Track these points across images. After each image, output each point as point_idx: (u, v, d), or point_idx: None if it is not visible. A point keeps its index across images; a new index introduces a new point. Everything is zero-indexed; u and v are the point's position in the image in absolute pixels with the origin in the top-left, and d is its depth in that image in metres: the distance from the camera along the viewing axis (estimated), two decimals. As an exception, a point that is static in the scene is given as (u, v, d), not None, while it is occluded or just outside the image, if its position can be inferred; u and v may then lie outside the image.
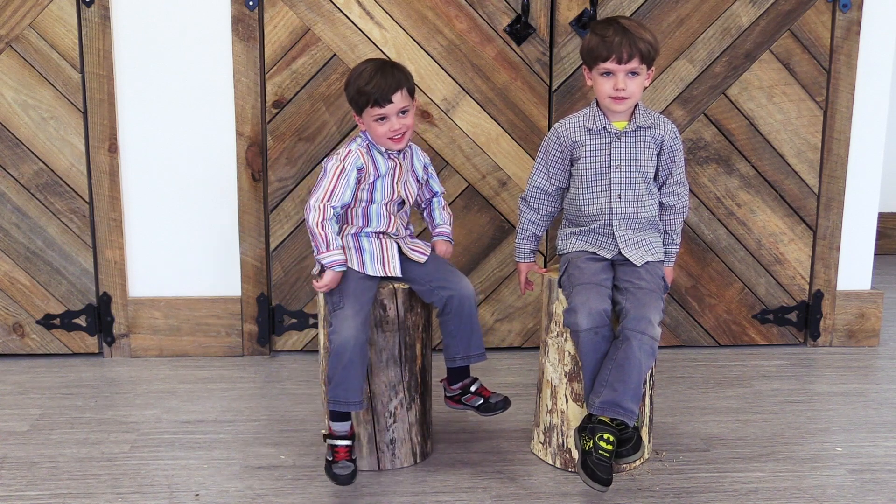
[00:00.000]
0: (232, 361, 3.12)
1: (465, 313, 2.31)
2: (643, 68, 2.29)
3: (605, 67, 2.28)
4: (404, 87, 2.28)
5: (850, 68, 3.12)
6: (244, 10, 2.94)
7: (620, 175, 2.33)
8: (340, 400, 2.21)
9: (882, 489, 2.30)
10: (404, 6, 2.97)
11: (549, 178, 2.42)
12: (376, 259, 2.32)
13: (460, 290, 2.30)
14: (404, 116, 2.29)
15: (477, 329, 2.35)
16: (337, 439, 2.25)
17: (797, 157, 3.18)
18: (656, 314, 2.21)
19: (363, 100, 2.27)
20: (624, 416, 2.16)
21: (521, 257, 2.51)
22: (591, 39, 2.31)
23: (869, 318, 3.32)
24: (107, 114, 2.98)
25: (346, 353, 2.18)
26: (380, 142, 2.32)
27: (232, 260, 3.12)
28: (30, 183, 3.01)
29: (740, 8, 3.05)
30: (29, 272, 3.07)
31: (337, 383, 2.20)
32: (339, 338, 2.20)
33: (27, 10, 2.90)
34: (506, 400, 2.38)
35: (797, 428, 2.65)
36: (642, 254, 2.35)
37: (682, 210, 2.43)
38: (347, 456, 2.23)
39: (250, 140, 3.02)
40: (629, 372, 2.15)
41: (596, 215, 2.36)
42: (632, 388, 2.16)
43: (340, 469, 2.20)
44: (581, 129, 2.36)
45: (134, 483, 2.29)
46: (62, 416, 2.68)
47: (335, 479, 2.20)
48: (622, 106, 2.30)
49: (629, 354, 2.16)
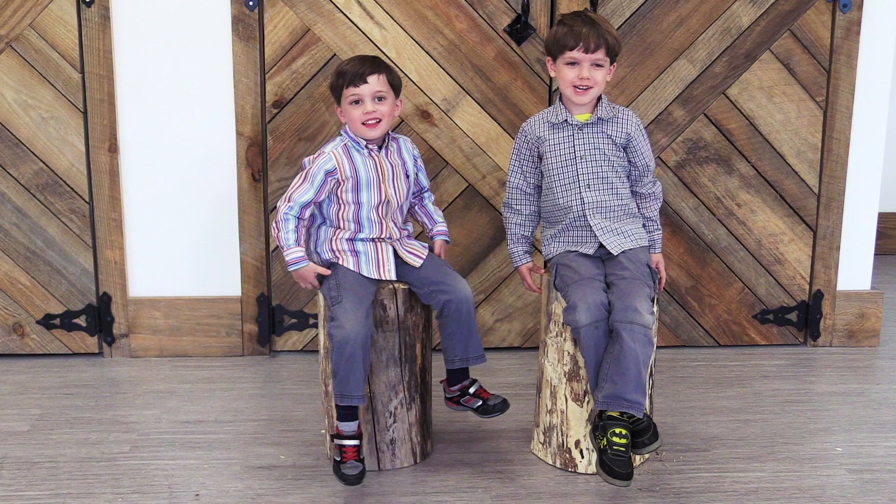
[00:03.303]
0: (232, 361, 3.12)
1: (464, 316, 2.31)
2: (607, 61, 2.34)
3: (570, 56, 2.32)
4: (384, 74, 2.32)
5: (850, 68, 3.12)
6: (244, 10, 2.94)
7: (586, 165, 2.37)
8: (345, 394, 2.21)
9: (882, 489, 2.30)
10: (404, 6, 2.97)
11: (524, 177, 2.47)
12: (371, 262, 2.33)
13: (458, 293, 2.29)
14: (380, 103, 2.31)
15: (475, 331, 2.34)
16: (345, 439, 2.24)
17: (797, 157, 3.18)
18: (643, 301, 2.21)
19: (340, 81, 2.31)
20: (629, 408, 2.17)
21: (517, 260, 2.53)
22: (558, 30, 2.35)
23: (869, 318, 3.32)
24: (107, 114, 2.98)
25: (348, 347, 2.18)
26: (355, 129, 2.33)
27: (232, 260, 3.12)
28: (30, 183, 3.01)
29: (740, 8, 3.05)
30: (29, 272, 3.07)
31: (341, 378, 2.20)
32: (340, 332, 2.19)
33: (27, 10, 2.90)
34: (504, 402, 2.37)
35: (797, 428, 2.65)
36: (620, 241, 2.36)
37: (658, 196, 2.48)
38: (356, 456, 2.23)
39: (250, 140, 3.02)
40: (626, 364, 2.16)
41: (568, 208, 2.39)
42: (632, 380, 2.16)
43: (349, 469, 2.19)
44: (544, 125, 2.41)
45: (134, 483, 2.29)
46: (62, 416, 2.68)
47: (344, 480, 2.19)
48: (585, 97, 2.34)
49: (623, 346, 2.17)
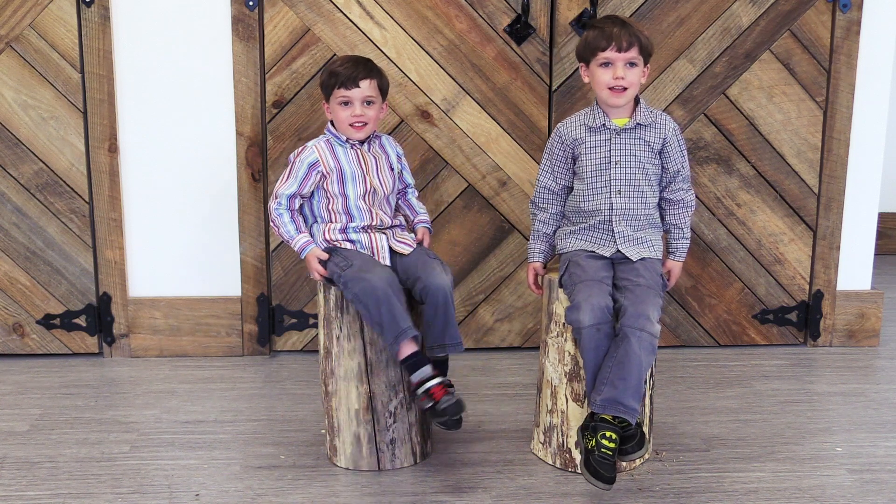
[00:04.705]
0: (232, 361, 3.12)
1: (440, 303, 2.28)
2: (641, 60, 2.32)
3: (604, 57, 2.30)
4: (375, 80, 2.37)
5: (850, 68, 3.12)
6: (244, 10, 2.94)
7: (620, 171, 2.34)
8: (399, 333, 2.21)
9: (882, 489, 2.30)
10: (404, 6, 2.97)
11: (554, 178, 2.44)
12: (366, 250, 2.36)
13: (433, 280, 2.28)
14: (368, 107, 2.36)
15: (452, 319, 2.31)
16: (428, 381, 2.24)
17: (797, 157, 3.18)
18: (654, 311, 2.21)
19: (332, 81, 2.36)
20: (625, 413, 2.16)
21: (531, 257, 2.52)
22: (588, 34, 2.35)
23: (869, 318, 3.32)
24: (107, 114, 2.98)
25: (378, 290, 2.20)
26: (342, 128, 2.38)
27: (232, 260, 3.12)
28: (30, 183, 3.01)
29: (740, 8, 3.05)
30: (29, 272, 3.07)
31: (386, 320, 2.20)
32: (361, 283, 2.21)
33: (27, 10, 2.90)
34: (458, 403, 2.23)
35: (797, 428, 2.65)
36: (640, 250, 2.35)
37: (691, 204, 2.45)
38: (446, 391, 2.23)
39: (250, 140, 3.02)
40: (629, 369, 2.15)
41: (595, 211, 2.37)
42: (632, 386, 2.16)
43: (447, 400, 2.20)
44: (582, 128, 2.38)
45: (134, 483, 2.29)
46: (62, 416, 2.68)
47: (445, 414, 2.20)
48: (621, 99, 2.31)
49: (629, 351, 2.16)
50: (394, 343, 2.23)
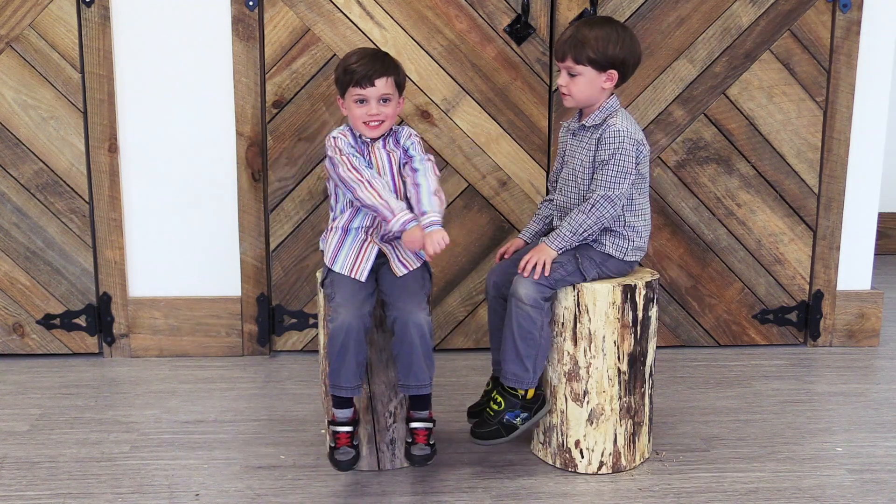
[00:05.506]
0: (232, 361, 3.12)
1: (407, 340, 2.19)
2: (583, 69, 2.30)
3: (558, 65, 2.40)
4: (392, 77, 2.29)
5: (850, 68, 3.12)
6: (244, 10, 2.94)
7: (567, 170, 2.43)
8: (335, 384, 2.21)
9: (882, 489, 2.30)
10: (404, 6, 2.97)
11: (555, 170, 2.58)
12: (349, 259, 2.28)
13: (405, 315, 2.19)
14: (385, 105, 2.28)
15: (418, 360, 2.20)
16: (338, 425, 2.25)
17: (797, 157, 3.18)
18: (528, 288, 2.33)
19: (347, 78, 2.27)
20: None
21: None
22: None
23: (869, 318, 3.32)
24: (107, 114, 2.98)
25: (339, 338, 2.17)
26: (356, 126, 2.31)
27: (232, 260, 3.12)
28: (30, 183, 3.01)
29: (740, 8, 3.05)
30: (29, 272, 3.07)
31: (333, 368, 2.20)
32: (333, 325, 2.20)
33: (27, 10, 2.90)
34: (426, 457, 2.26)
35: (797, 428, 2.65)
36: None
37: (593, 204, 2.29)
38: (349, 442, 2.24)
39: (250, 140, 3.02)
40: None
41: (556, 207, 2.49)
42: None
43: (341, 455, 2.21)
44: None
45: (134, 483, 2.29)
46: (62, 416, 2.68)
47: (336, 465, 2.21)
48: (565, 102, 2.38)
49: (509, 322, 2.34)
50: (330, 388, 2.24)
